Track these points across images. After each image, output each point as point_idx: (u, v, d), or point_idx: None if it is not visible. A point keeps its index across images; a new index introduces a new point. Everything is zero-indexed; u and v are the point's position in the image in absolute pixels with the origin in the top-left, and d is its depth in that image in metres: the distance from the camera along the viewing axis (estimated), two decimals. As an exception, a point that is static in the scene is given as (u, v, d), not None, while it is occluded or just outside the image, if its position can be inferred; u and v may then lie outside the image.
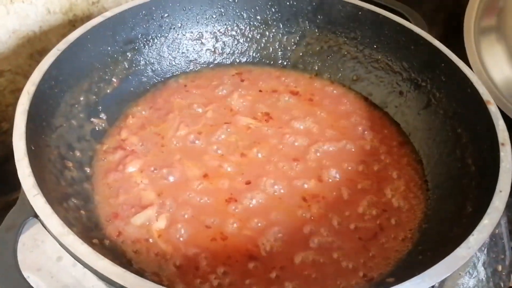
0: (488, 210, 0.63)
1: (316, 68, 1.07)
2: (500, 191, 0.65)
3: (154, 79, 1.01)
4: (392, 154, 0.91)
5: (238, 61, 1.08)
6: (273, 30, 1.07)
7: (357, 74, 1.04)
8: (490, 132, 0.74)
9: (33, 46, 0.98)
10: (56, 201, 0.65)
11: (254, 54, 1.09)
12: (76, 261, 0.71)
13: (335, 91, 1.04)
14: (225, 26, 1.06)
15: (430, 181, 0.85)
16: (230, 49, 1.08)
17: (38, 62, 0.95)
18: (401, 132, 0.95)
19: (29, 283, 0.54)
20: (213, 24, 1.05)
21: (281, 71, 1.08)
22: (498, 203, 0.64)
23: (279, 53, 1.08)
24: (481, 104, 0.78)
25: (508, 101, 1.07)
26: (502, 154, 0.70)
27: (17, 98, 0.97)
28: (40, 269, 0.75)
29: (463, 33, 1.15)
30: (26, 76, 0.97)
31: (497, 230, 0.88)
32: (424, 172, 0.87)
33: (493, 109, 0.77)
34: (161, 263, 0.71)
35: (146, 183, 0.81)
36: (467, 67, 0.85)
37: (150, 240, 0.74)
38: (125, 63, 0.96)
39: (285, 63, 1.09)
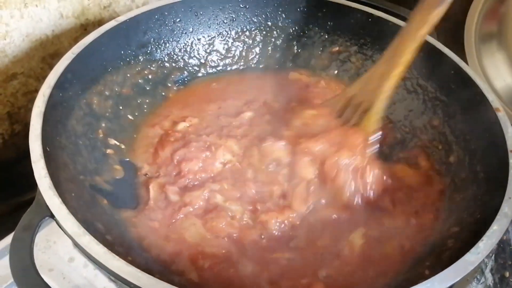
0: (497, 217, 0.64)
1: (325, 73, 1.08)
2: (509, 198, 0.66)
3: (166, 82, 1.02)
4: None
5: (248, 65, 1.10)
6: (283, 36, 1.08)
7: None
8: (499, 139, 0.75)
9: (46, 50, 0.99)
10: (71, 202, 0.65)
11: (264, 59, 1.10)
12: (88, 262, 0.72)
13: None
14: (236, 31, 1.07)
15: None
16: (241, 54, 1.09)
17: (50, 65, 0.98)
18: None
19: (45, 282, 0.55)
20: (224, 29, 1.06)
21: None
22: (507, 209, 0.65)
23: (290, 58, 1.10)
24: (491, 111, 0.79)
25: (510, 109, 1.08)
26: (511, 161, 0.71)
27: (29, 101, 0.99)
28: (52, 270, 0.76)
29: (464, 41, 1.15)
30: (39, 79, 0.99)
31: (504, 237, 0.88)
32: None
33: (502, 116, 0.77)
34: None
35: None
36: (476, 74, 0.85)
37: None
38: (137, 67, 0.97)
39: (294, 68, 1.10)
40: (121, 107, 0.93)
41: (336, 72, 1.07)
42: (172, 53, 1.02)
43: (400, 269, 0.73)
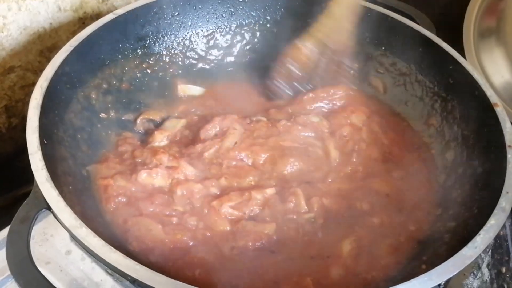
0: (495, 211, 0.64)
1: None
2: (507, 192, 0.66)
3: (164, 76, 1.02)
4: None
5: (247, 60, 1.09)
6: (282, 31, 1.08)
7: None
8: (497, 134, 0.75)
9: (43, 43, 0.99)
10: (69, 194, 0.65)
11: (263, 54, 1.09)
12: (85, 255, 0.72)
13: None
14: (235, 25, 1.07)
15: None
16: (240, 48, 1.08)
17: (48, 58, 0.97)
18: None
19: (42, 275, 0.55)
20: (223, 23, 1.06)
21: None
22: (504, 204, 0.65)
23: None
24: (489, 107, 0.78)
25: (508, 105, 1.08)
26: (509, 156, 0.71)
27: (26, 94, 0.99)
28: (49, 263, 0.76)
29: (463, 36, 1.15)
30: (36, 72, 0.99)
31: (501, 232, 0.88)
32: (431, 173, 0.87)
33: (500, 111, 0.77)
34: None
35: None
36: (475, 69, 0.85)
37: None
38: (135, 60, 0.96)
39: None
40: (118, 100, 0.93)
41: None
42: (171, 47, 1.02)
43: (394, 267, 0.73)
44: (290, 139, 0.89)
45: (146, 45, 0.98)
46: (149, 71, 0.99)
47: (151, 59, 0.99)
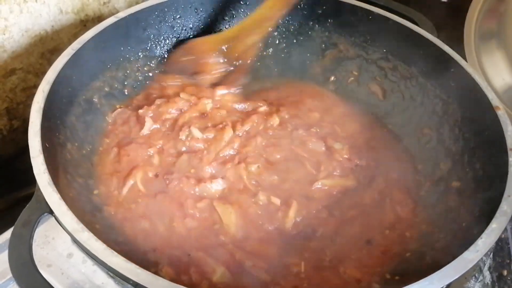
0: (496, 214, 0.64)
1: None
2: (509, 196, 0.66)
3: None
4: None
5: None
6: (284, 33, 1.08)
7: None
8: (499, 137, 0.75)
9: (45, 45, 0.99)
10: (70, 197, 0.65)
11: (264, 56, 1.09)
12: (87, 258, 0.72)
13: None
14: (236, 28, 1.06)
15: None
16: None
17: (49, 61, 0.97)
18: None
19: (44, 278, 0.55)
20: (224, 26, 1.06)
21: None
22: (506, 207, 0.65)
23: (290, 55, 1.09)
24: (490, 110, 0.78)
25: (509, 108, 1.08)
26: (510, 159, 0.71)
27: (28, 96, 0.99)
28: (51, 265, 0.76)
29: (463, 40, 1.15)
30: (37, 75, 0.99)
31: (503, 235, 0.88)
32: (432, 176, 0.87)
33: (501, 114, 0.77)
34: None
35: None
36: (476, 72, 0.85)
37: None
38: (137, 63, 0.97)
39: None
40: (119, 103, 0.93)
41: (334, 77, 1.08)
42: (172, 50, 1.02)
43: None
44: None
45: (148, 48, 0.98)
46: (151, 74, 0.99)
47: (153, 62, 0.99)
